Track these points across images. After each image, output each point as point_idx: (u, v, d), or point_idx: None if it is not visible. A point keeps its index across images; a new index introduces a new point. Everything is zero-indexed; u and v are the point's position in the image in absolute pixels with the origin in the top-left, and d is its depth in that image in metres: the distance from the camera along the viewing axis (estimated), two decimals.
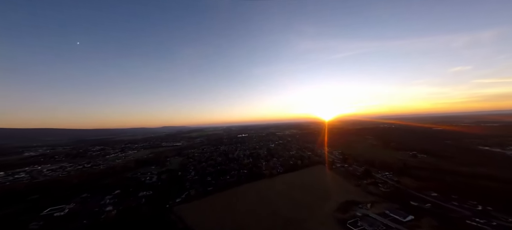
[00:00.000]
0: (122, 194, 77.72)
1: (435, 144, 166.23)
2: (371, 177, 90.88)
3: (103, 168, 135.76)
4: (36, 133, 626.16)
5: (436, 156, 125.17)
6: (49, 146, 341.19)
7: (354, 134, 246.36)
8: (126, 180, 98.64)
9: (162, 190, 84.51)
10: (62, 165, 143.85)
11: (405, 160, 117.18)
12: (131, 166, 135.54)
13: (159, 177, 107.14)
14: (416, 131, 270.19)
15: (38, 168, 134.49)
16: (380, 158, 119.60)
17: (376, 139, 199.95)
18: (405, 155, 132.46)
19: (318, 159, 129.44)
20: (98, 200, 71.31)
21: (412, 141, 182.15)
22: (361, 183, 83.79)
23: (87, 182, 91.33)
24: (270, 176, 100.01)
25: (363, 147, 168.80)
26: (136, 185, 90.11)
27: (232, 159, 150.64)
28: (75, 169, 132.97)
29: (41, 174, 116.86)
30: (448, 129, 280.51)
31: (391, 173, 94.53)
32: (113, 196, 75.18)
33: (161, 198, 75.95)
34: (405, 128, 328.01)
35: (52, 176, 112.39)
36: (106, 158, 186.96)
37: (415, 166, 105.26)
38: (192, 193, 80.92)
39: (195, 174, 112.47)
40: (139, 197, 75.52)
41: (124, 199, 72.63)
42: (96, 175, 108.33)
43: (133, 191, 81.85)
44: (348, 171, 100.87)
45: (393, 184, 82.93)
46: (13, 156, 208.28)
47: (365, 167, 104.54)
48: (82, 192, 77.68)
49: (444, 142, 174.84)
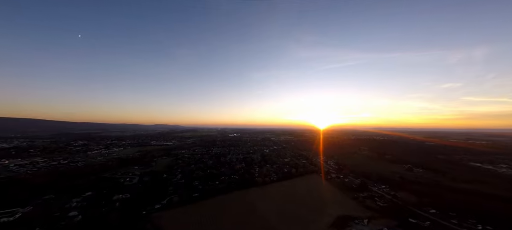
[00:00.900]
0: (93, 197, 68.17)
1: (428, 158, 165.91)
2: (367, 190, 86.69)
3: (80, 165, 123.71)
4: (19, 123, 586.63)
5: (431, 170, 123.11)
6: (28, 138, 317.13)
7: (349, 144, 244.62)
8: (102, 181, 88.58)
9: (142, 194, 75.51)
10: (34, 160, 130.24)
11: (402, 174, 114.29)
12: (112, 164, 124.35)
13: (141, 179, 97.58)
14: (410, 144, 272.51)
15: (5, 163, 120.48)
16: (376, 170, 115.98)
17: (371, 151, 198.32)
18: (401, 168, 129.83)
19: (313, 167, 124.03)
20: (63, 203, 61.59)
21: (406, 154, 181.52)
22: (358, 196, 79.20)
23: (57, 181, 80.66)
24: (263, 184, 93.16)
25: (359, 158, 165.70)
26: (113, 187, 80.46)
27: (224, 162, 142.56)
28: (48, 165, 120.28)
29: (6, 170, 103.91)
30: (439, 143, 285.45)
31: (388, 187, 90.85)
32: (82, 199, 65.57)
33: (139, 203, 67.14)
34: (398, 140, 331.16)
35: (18, 172, 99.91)
36: (87, 154, 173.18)
37: (411, 180, 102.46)
38: (175, 199, 72.52)
39: (181, 177, 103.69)
40: (112, 201, 66.31)
41: (94, 203, 63.30)
42: (70, 173, 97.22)
43: (107, 193, 72.38)
44: (344, 183, 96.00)
45: (390, 198, 78.85)
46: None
47: (362, 179, 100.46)
48: (47, 193, 67.50)
49: (436, 156, 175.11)
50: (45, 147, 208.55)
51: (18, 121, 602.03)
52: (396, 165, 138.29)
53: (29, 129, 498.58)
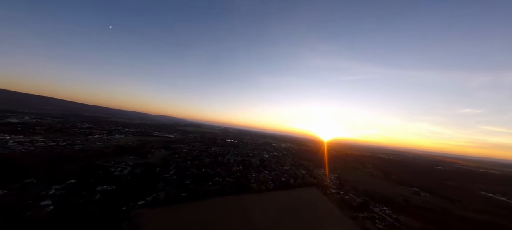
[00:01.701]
0: (75, 186, 64.66)
1: (437, 182, 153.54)
2: (368, 210, 79.57)
3: (77, 149, 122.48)
4: (34, 99, 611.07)
5: (439, 196, 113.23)
6: (39, 115, 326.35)
7: (353, 160, 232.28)
8: (92, 168, 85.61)
9: (128, 187, 71.45)
10: (34, 139, 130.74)
11: (407, 196, 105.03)
12: (107, 151, 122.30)
13: (132, 170, 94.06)
14: (417, 166, 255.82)
15: (6, 138, 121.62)
16: (380, 190, 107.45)
17: (375, 169, 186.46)
18: (407, 190, 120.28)
19: (312, 180, 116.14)
20: (41, 189, 58.19)
21: (413, 177, 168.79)
22: (357, 216, 72.42)
23: (45, 164, 78.33)
24: (258, 191, 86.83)
25: (362, 175, 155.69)
26: (100, 176, 77.03)
27: (221, 163, 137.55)
28: (46, 146, 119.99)
29: (3, 146, 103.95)
30: (449, 167, 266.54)
31: (391, 209, 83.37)
32: (63, 187, 62.12)
33: (122, 197, 62.86)
34: (405, 161, 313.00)
35: (13, 150, 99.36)
36: (88, 138, 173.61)
37: (417, 204, 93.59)
38: (161, 196, 67.73)
39: (174, 173, 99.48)
40: (94, 192, 62.44)
41: (74, 193, 59.63)
42: (63, 157, 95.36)
43: (92, 183, 68.83)
44: (344, 200, 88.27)
45: (392, 221, 71.84)
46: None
47: (363, 197, 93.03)
48: (30, 176, 64.69)
49: (445, 182, 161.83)
50: (51, 125, 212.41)
51: (33, 97, 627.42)
52: (401, 187, 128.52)
53: (42, 106, 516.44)
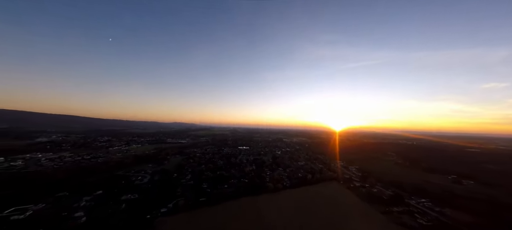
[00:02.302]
0: (103, 196, 68.33)
1: (475, 168, 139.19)
2: (403, 203, 73.22)
3: (100, 161, 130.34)
4: (62, 119, 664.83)
5: (484, 183, 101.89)
6: (64, 133, 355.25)
7: (372, 149, 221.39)
8: (115, 179, 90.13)
9: (150, 195, 73.99)
10: (62, 155, 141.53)
11: (446, 186, 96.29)
12: (127, 162, 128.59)
13: (151, 178, 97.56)
14: (446, 150, 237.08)
15: (38, 156, 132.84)
16: (410, 181, 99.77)
17: (399, 156, 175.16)
18: (443, 179, 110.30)
19: (331, 174, 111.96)
20: (74, 201, 62.31)
21: (445, 162, 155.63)
22: (391, 211, 66.68)
23: (74, 177, 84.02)
24: (274, 190, 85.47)
25: (385, 165, 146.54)
26: (123, 186, 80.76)
27: (234, 163, 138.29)
28: (73, 160, 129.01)
29: (37, 163, 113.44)
30: (485, 150, 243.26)
31: (429, 201, 75.86)
32: (92, 198, 65.94)
33: (145, 205, 65.16)
34: (429, 145, 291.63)
35: (46, 166, 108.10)
36: (109, 150, 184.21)
37: (460, 194, 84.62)
38: (180, 202, 69.19)
39: (191, 178, 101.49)
40: (120, 202, 65.43)
41: (102, 203, 62.94)
42: (88, 169, 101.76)
43: (117, 193, 72.26)
44: (371, 193, 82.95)
45: (436, 216, 64.92)
46: (25, 140, 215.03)
47: (393, 189, 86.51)
48: (63, 189, 69.58)
49: (484, 166, 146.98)
50: (75, 141, 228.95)
51: (61, 117, 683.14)
52: (435, 175, 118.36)
53: (67, 124, 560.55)
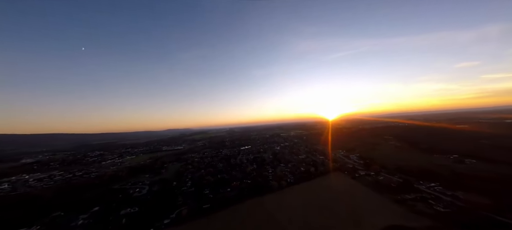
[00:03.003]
0: (100, 212, 64.59)
1: (472, 145, 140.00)
2: (413, 190, 71.74)
3: (93, 176, 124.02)
4: (45, 138, 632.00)
5: (486, 160, 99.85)
6: (51, 152, 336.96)
7: (369, 134, 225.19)
8: (111, 193, 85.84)
9: (150, 207, 70.91)
10: (51, 174, 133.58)
11: (451, 166, 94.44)
12: (122, 174, 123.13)
13: (150, 189, 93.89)
14: (440, 129, 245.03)
15: (25, 177, 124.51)
16: (415, 164, 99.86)
17: (398, 140, 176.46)
18: (446, 159, 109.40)
19: (334, 164, 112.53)
20: (70, 220, 58.34)
21: (442, 142, 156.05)
22: (403, 199, 64.12)
23: (67, 195, 79.06)
24: (279, 188, 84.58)
25: (386, 150, 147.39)
26: (121, 200, 76.97)
27: (234, 165, 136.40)
28: (64, 178, 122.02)
29: (25, 185, 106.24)
30: (474, 126, 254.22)
31: (439, 185, 74.55)
32: (89, 215, 62.11)
33: (146, 218, 62.26)
34: (423, 125, 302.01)
35: (35, 187, 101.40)
36: (102, 164, 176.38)
37: (468, 174, 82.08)
38: (183, 211, 66.81)
39: (191, 185, 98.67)
40: (120, 217, 62.09)
41: (101, 220, 59.43)
42: (81, 186, 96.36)
43: (115, 207, 68.63)
44: (378, 181, 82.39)
45: (451, 201, 62.14)
46: (9, 163, 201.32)
47: (400, 175, 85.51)
48: (56, 209, 65.09)
49: (480, 141, 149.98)
50: (64, 159, 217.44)
51: (44, 136, 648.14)
52: (437, 156, 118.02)
53: (53, 143, 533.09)
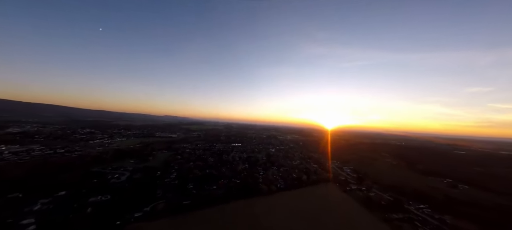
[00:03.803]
0: (65, 198, 57.99)
1: (466, 171, 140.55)
2: (402, 210, 69.26)
3: (75, 156, 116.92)
4: (36, 107, 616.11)
5: (479, 187, 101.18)
6: (40, 123, 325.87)
7: (366, 149, 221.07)
8: (88, 176, 79.22)
9: (125, 196, 64.49)
10: (31, 148, 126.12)
11: (444, 190, 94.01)
12: (107, 157, 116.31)
13: (130, 176, 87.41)
14: (436, 151, 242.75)
15: (1, 149, 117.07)
16: (409, 184, 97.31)
17: (394, 157, 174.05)
18: (440, 182, 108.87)
19: (326, 174, 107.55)
20: (27, 204, 51.66)
21: (437, 164, 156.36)
22: (390, 218, 62.35)
23: (36, 175, 72.32)
24: (268, 193, 78.86)
25: (381, 166, 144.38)
26: (95, 186, 70.40)
27: (225, 161, 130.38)
28: (43, 154, 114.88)
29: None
30: (470, 153, 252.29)
31: (429, 207, 72.61)
32: (51, 200, 55.46)
33: (117, 209, 55.90)
34: (420, 146, 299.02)
35: (7, 161, 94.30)
36: (89, 143, 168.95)
37: (460, 199, 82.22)
38: (160, 206, 60.56)
39: (176, 177, 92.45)
40: (85, 205, 55.56)
41: (63, 207, 52.90)
42: (58, 165, 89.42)
43: (85, 193, 62.10)
44: (369, 198, 78.87)
45: (438, 224, 61.22)
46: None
47: (391, 194, 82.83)
48: (17, 189, 58.34)
49: (474, 168, 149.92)
50: (52, 132, 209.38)
51: (35, 105, 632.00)
52: (432, 178, 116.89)
53: (45, 114, 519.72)
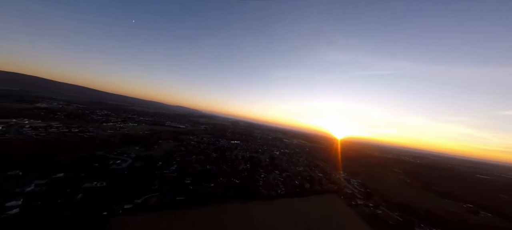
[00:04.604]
0: (61, 181, 58.30)
1: (490, 196, 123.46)
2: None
3: (86, 136, 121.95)
4: (67, 87, 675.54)
5: (505, 216, 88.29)
6: (66, 102, 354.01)
7: (376, 163, 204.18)
8: (90, 160, 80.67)
9: (121, 185, 63.68)
10: (50, 124, 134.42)
11: (462, 215, 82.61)
12: (114, 141, 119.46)
13: (132, 163, 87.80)
14: (456, 173, 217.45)
15: (24, 122, 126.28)
16: (421, 205, 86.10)
17: (408, 175, 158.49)
18: (459, 207, 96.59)
19: (332, 186, 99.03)
20: (20, 184, 52.07)
21: (458, 187, 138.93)
22: None
23: (44, 153, 74.91)
24: (268, 198, 73.66)
25: (392, 183, 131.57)
26: (94, 170, 70.97)
27: (227, 158, 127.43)
28: (58, 132, 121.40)
29: (17, 131, 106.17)
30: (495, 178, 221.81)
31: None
32: (46, 182, 55.84)
33: (108, 198, 54.82)
34: (437, 166, 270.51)
35: (24, 135, 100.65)
36: (102, 125, 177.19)
37: (480, 228, 71.81)
38: (152, 200, 58.49)
39: (176, 169, 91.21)
40: (79, 190, 55.21)
41: (55, 190, 52.90)
42: (67, 145, 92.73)
43: (81, 178, 62.31)
44: (376, 215, 70.44)
45: None
46: (24, 104, 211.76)
47: (401, 213, 73.90)
48: (18, 166, 59.97)
49: (499, 195, 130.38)
50: (72, 111, 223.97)
51: (66, 85, 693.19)
52: (449, 201, 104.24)
53: (72, 94, 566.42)
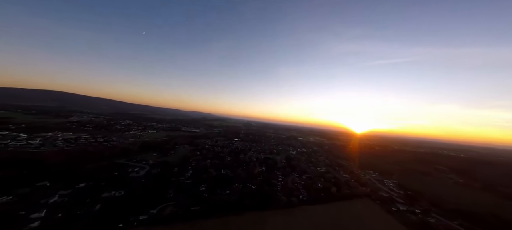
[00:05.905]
0: (83, 191, 59.48)
1: None
2: None
3: (110, 145, 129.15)
4: (96, 101, 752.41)
5: None
6: (95, 114, 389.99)
7: (411, 159, 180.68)
8: (111, 168, 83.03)
9: (137, 194, 63.14)
10: (79, 136, 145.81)
11: None
12: (134, 149, 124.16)
13: (149, 170, 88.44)
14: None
15: (57, 135, 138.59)
16: (489, 211, 69.72)
17: (457, 173, 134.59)
18: None
19: (363, 188, 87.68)
20: (46, 195, 53.91)
21: None
22: None
23: (72, 164, 79.12)
24: (288, 206, 66.91)
25: (440, 183, 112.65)
26: (114, 179, 72.13)
27: (242, 161, 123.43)
28: (86, 143, 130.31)
29: (51, 143, 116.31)
30: None
31: None
32: (69, 193, 57.28)
33: (125, 208, 53.93)
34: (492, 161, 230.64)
35: (58, 147, 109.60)
36: (124, 134, 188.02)
37: None
38: (167, 210, 56.28)
39: (191, 175, 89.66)
40: (98, 200, 55.40)
41: (76, 201, 53.62)
42: (92, 154, 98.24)
43: (102, 187, 63.13)
44: (428, 224, 58.23)
45: None
46: (60, 119, 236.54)
47: (462, 221, 60.01)
48: (47, 177, 63.12)
49: None
50: (99, 123, 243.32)
51: (95, 99, 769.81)
52: None
53: (100, 106, 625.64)
